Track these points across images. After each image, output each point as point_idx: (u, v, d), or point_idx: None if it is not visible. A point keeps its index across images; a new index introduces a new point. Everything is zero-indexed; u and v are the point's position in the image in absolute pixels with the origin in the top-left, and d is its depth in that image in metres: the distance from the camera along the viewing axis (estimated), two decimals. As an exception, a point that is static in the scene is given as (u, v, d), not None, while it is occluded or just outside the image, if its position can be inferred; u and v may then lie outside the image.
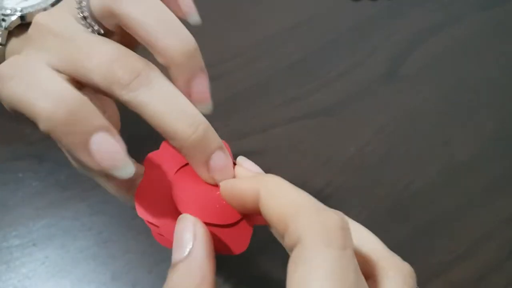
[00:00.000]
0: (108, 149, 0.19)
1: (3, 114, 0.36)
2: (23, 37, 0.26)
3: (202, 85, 0.21)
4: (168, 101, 0.20)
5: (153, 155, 0.22)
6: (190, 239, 0.19)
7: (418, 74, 0.45)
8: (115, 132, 0.19)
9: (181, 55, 0.21)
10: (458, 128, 0.41)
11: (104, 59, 0.20)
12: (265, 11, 0.50)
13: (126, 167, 0.19)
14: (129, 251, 0.30)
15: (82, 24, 0.23)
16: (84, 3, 0.23)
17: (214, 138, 0.21)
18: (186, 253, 0.19)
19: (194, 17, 0.23)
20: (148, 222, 0.20)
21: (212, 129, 0.21)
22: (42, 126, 0.19)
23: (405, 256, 0.32)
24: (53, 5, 0.26)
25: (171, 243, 0.19)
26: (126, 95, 0.20)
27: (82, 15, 0.23)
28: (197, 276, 0.18)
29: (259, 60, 0.43)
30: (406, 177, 0.37)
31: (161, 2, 0.22)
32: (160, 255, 0.30)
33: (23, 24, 0.26)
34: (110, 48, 0.21)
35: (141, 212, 0.20)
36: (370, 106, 0.42)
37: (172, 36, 0.21)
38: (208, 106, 0.22)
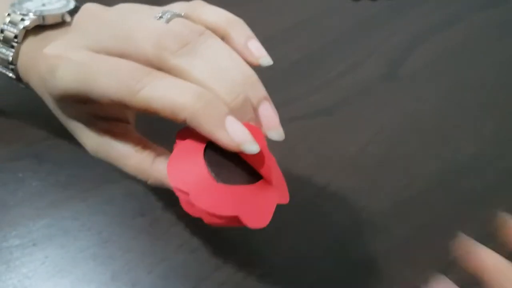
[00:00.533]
0: (239, 128, 0.20)
1: (3, 114, 0.36)
2: (43, 35, 0.28)
3: (268, 110, 0.23)
4: (210, 67, 0.21)
5: (186, 128, 0.22)
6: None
7: (418, 74, 0.45)
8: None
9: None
10: (458, 128, 0.41)
11: (156, 30, 0.22)
12: (265, 11, 0.50)
13: (253, 143, 0.20)
14: (129, 251, 0.30)
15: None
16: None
17: (250, 103, 0.22)
18: None
19: (266, 60, 0.24)
20: (179, 190, 0.21)
21: (259, 87, 0.23)
22: (185, 115, 0.20)
23: (405, 256, 0.32)
24: (70, 13, 0.27)
25: (198, 211, 0.20)
26: (172, 61, 0.21)
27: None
28: None
29: (259, 60, 0.43)
30: (406, 177, 0.37)
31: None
32: (160, 255, 0.30)
33: (40, 26, 0.28)
34: (161, 22, 0.23)
35: (172, 180, 0.21)
36: (370, 106, 0.42)
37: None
38: (279, 131, 0.23)
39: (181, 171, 0.21)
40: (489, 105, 0.43)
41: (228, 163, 0.21)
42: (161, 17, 0.24)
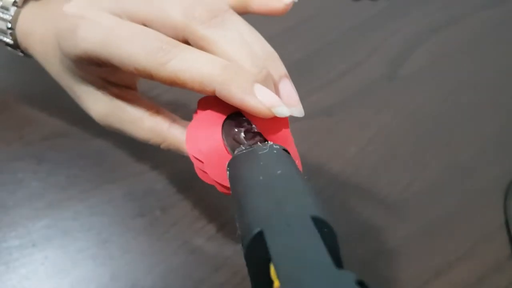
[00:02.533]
0: (268, 93, 0.21)
1: (3, 114, 0.36)
2: (44, 0, 0.28)
3: (288, 87, 0.23)
4: (238, 41, 0.22)
5: (207, 98, 0.23)
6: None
7: (418, 74, 0.45)
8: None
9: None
10: (458, 128, 0.41)
11: (187, 0, 0.22)
12: (265, 11, 0.50)
13: (283, 106, 0.21)
14: (129, 251, 0.30)
15: None
16: None
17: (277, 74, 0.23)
18: None
19: (299, 110, 0.24)
20: (194, 157, 0.21)
21: (280, 64, 0.23)
22: (214, 85, 0.21)
23: (405, 256, 0.32)
24: None
25: (211, 180, 0.21)
26: (202, 30, 0.22)
27: None
28: None
29: (259, 60, 0.43)
30: (406, 177, 0.37)
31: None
32: (160, 255, 0.30)
33: None
34: None
35: (189, 147, 0.22)
36: (370, 106, 0.42)
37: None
38: (299, 108, 0.23)
39: (199, 139, 0.22)
40: (489, 105, 0.43)
41: (245, 139, 0.22)
42: None
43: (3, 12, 0.28)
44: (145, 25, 0.23)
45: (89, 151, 0.35)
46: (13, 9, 0.28)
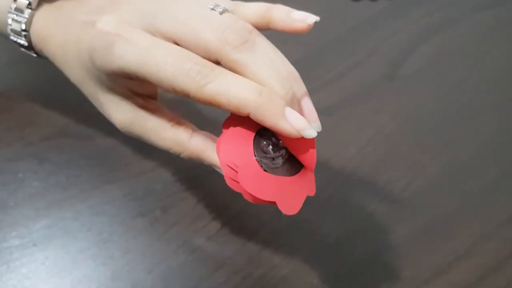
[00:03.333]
0: (297, 117, 0.23)
1: (3, 114, 0.36)
2: (58, 3, 0.29)
3: (309, 104, 0.25)
4: (267, 64, 0.23)
5: (232, 117, 0.25)
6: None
7: (418, 74, 0.45)
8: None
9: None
10: (458, 128, 0.41)
11: (219, 23, 0.24)
12: (265, 11, 0.50)
13: (311, 129, 0.23)
14: (129, 251, 0.30)
15: None
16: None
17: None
18: None
19: (318, 125, 0.25)
20: (229, 166, 0.23)
21: (301, 83, 0.25)
22: (249, 109, 0.22)
23: (405, 256, 0.32)
24: None
25: (240, 188, 0.23)
26: (235, 55, 0.23)
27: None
28: None
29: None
30: (406, 177, 0.37)
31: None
32: (160, 255, 0.31)
33: None
34: (225, 16, 0.24)
35: (223, 156, 0.23)
36: (370, 106, 0.42)
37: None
38: (318, 124, 0.25)
39: (232, 153, 0.24)
40: (489, 105, 0.43)
41: (274, 153, 0.24)
42: (213, 9, 0.25)
43: (17, 14, 0.29)
44: (177, 44, 0.24)
45: (90, 151, 0.35)
46: (27, 12, 0.29)
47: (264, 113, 0.22)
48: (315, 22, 0.27)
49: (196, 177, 0.34)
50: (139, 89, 0.27)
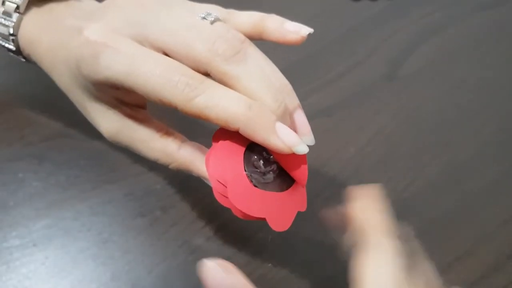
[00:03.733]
0: (288, 132, 0.22)
1: (3, 114, 0.36)
2: (48, 7, 0.28)
3: (302, 117, 0.24)
4: (259, 76, 0.23)
5: (221, 130, 0.24)
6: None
7: (418, 74, 0.45)
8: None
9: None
10: (458, 128, 0.41)
11: (208, 33, 0.23)
12: (265, 11, 0.50)
13: (302, 144, 0.22)
14: (129, 251, 0.31)
15: None
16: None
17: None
18: None
19: (310, 139, 0.25)
20: (218, 181, 0.23)
21: (294, 95, 0.24)
22: (239, 124, 0.22)
23: (405, 256, 0.32)
24: None
25: (229, 204, 0.22)
26: (225, 66, 0.22)
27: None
28: None
29: (259, 60, 0.43)
30: (406, 178, 0.37)
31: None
32: (160, 255, 0.31)
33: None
34: (216, 26, 0.23)
35: (212, 170, 0.23)
36: (370, 106, 0.42)
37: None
38: (311, 137, 0.24)
39: (221, 167, 0.23)
40: (489, 105, 0.43)
41: (265, 168, 0.23)
42: (204, 18, 0.24)
43: (5, 19, 0.28)
44: (166, 54, 0.23)
45: (90, 151, 0.35)
46: (15, 16, 0.28)
47: (254, 128, 0.21)
48: (309, 34, 0.26)
49: (196, 177, 0.34)
50: (126, 98, 0.26)
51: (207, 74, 0.23)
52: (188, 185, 0.34)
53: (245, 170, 0.23)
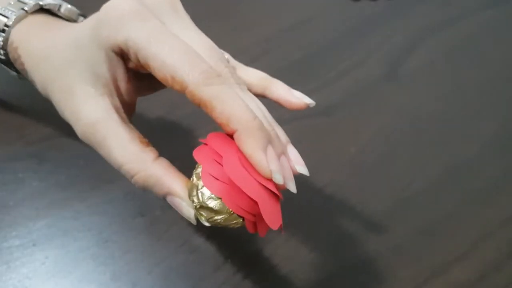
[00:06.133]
0: (275, 159, 0.22)
1: (3, 114, 0.36)
2: (42, 21, 0.28)
3: (294, 151, 0.25)
4: (232, 100, 0.22)
5: (218, 135, 0.23)
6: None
7: (418, 74, 0.45)
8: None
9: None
10: (458, 128, 0.41)
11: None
12: (265, 11, 0.50)
13: (281, 176, 0.22)
14: (129, 251, 0.31)
15: None
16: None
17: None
18: None
19: (305, 169, 0.25)
20: (214, 160, 0.22)
21: (282, 132, 0.25)
22: (238, 126, 0.22)
23: (405, 256, 0.32)
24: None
25: (226, 177, 0.22)
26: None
27: None
28: None
29: (259, 60, 0.43)
30: (406, 177, 0.37)
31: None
32: (160, 255, 0.31)
33: (38, 12, 0.29)
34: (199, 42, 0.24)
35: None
36: (370, 106, 0.42)
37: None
38: (306, 168, 0.25)
39: (216, 143, 0.23)
40: (489, 105, 0.43)
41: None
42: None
43: None
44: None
45: (90, 151, 0.35)
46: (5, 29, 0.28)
47: (250, 137, 0.21)
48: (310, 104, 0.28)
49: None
50: (123, 86, 0.26)
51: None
52: (188, 185, 0.34)
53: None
